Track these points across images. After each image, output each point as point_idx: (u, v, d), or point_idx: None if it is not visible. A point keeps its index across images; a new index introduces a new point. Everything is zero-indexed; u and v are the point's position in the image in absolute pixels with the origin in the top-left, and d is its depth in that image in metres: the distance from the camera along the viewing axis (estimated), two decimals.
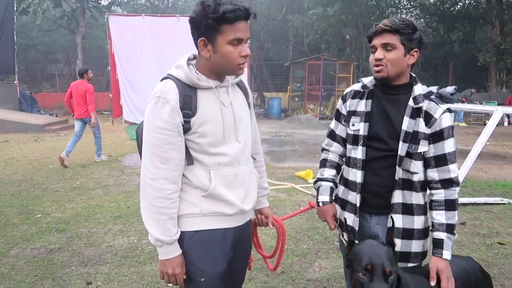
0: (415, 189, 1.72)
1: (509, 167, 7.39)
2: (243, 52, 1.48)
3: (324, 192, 1.89)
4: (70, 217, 4.50)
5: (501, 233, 4.09)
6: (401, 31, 1.63)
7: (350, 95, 1.85)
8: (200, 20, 1.42)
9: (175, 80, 1.50)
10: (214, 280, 1.57)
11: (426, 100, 1.68)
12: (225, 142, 1.55)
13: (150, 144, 1.47)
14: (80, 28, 20.67)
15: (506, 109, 5.89)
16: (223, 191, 1.55)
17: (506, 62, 17.39)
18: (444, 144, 1.67)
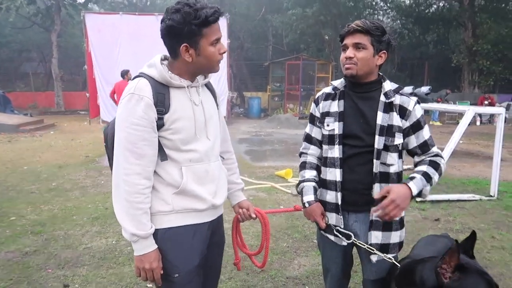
0: (392, 180, 1.80)
1: (481, 165, 7.64)
2: (222, 50, 1.57)
3: (308, 192, 1.91)
4: (46, 219, 4.40)
5: (473, 228, 4.24)
6: (371, 33, 1.72)
7: (322, 98, 1.93)
8: (181, 28, 1.45)
9: (148, 78, 1.53)
10: (188, 275, 1.59)
11: (397, 95, 1.78)
12: (196, 139, 1.60)
13: (124, 141, 1.49)
14: (55, 26, 20.14)
15: (477, 109, 6.09)
16: (195, 187, 1.59)
17: (478, 63, 17.94)
18: (423, 132, 1.81)
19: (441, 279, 1.39)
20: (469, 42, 18.30)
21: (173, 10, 1.47)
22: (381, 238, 1.81)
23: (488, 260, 3.47)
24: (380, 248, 1.80)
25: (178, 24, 1.45)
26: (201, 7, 1.46)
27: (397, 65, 22.41)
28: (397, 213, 1.64)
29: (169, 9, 1.48)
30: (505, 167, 7.17)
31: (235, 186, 1.92)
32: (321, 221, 1.88)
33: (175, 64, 1.57)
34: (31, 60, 27.09)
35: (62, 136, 11.14)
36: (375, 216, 1.69)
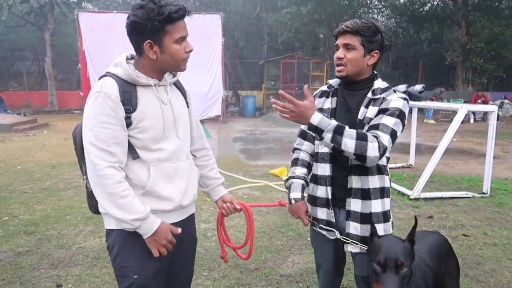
0: (370, 172, 1.79)
1: (474, 162, 7.69)
2: (187, 48, 1.57)
3: (296, 189, 1.94)
4: (39, 219, 4.38)
5: (465, 225, 4.27)
6: (361, 33, 1.72)
7: (318, 95, 1.98)
8: (144, 24, 1.46)
9: (114, 77, 1.53)
10: (148, 277, 1.59)
11: (384, 92, 1.78)
12: (165, 138, 1.60)
13: (93, 139, 1.47)
14: (48, 24, 20.02)
15: (470, 107, 6.14)
16: (162, 187, 1.59)
17: (472, 61, 18.05)
18: (383, 117, 1.70)
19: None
20: (463, 41, 18.40)
21: (137, 6, 1.48)
22: (360, 230, 1.81)
23: (480, 257, 3.50)
24: (361, 240, 1.80)
25: (141, 20, 1.46)
26: (165, 4, 1.46)
27: (392, 63, 22.49)
28: (287, 116, 1.63)
29: (134, 5, 1.50)
30: (497, 164, 7.23)
31: (215, 181, 1.91)
32: (305, 218, 1.92)
33: (141, 61, 1.57)
34: (24, 59, 26.89)
35: (55, 135, 11.07)
36: (272, 101, 1.65)
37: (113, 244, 1.60)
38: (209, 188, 1.91)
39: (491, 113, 5.41)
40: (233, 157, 8.21)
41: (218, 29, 14.63)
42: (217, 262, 3.38)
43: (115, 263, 1.63)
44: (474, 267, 3.32)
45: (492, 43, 17.33)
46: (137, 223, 1.49)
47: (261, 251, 3.60)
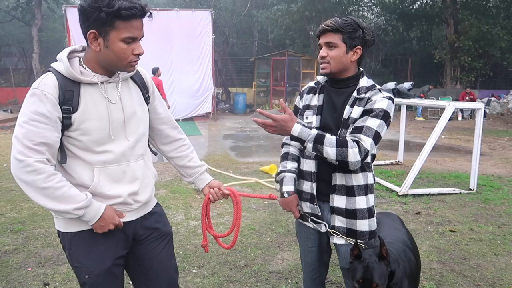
0: (354, 170, 1.80)
1: (461, 159, 7.79)
2: (136, 51, 1.45)
3: (288, 182, 1.95)
4: (26, 217, 4.33)
5: (452, 221, 4.33)
6: (342, 30, 1.76)
7: (306, 91, 2.00)
8: (91, 11, 1.36)
9: (56, 74, 1.44)
10: (99, 276, 1.56)
11: (370, 91, 1.81)
12: (111, 140, 1.51)
13: (21, 136, 1.38)
14: (36, 20, 19.71)
15: (457, 104, 6.22)
16: (108, 188, 1.52)
17: (460, 59, 18.22)
18: (368, 119, 1.73)
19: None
20: (451, 39, 18.56)
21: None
22: (345, 223, 1.86)
23: (466, 252, 3.55)
24: (346, 233, 1.86)
25: (88, 6, 1.36)
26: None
27: (381, 61, 22.60)
28: (269, 130, 1.72)
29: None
30: (484, 161, 7.34)
31: (198, 169, 1.85)
32: (296, 211, 1.95)
33: (88, 53, 1.48)
34: (11, 55, 26.46)
35: None
36: (253, 120, 1.73)
37: (64, 245, 1.58)
38: (193, 178, 1.85)
39: (478, 110, 5.48)
40: (223, 155, 8.20)
41: (208, 26, 14.55)
42: (206, 259, 3.38)
43: (69, 261, 1.62)
44: (460, 262, 3.37)
45: (479, 42, 17.52)
46: (80, 211, 1.44)
47: (251, 248, 3.60)
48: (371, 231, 1.88)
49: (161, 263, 1.75)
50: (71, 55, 1.48)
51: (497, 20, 18.04)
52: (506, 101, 18.13)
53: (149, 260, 1.72)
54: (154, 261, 1.73)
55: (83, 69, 1.46)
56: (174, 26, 13.88)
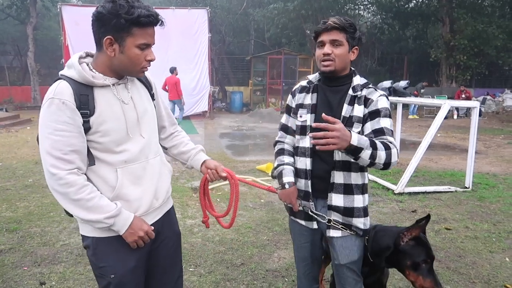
0: (353, 169, 1.84)
1: (457, 157, 7.83)
2: (149, 57, 1.51)
3: (288, 173, 1.96)
4: (22, 216, 4.31)
5: (448, 219, 4.35)
6: (347, 30, 1.80)
7: (298, 90, 2.01)
8: (110, 18, 1.40)
9: (68, 80, 1.46)
10: (124, 276, 1.59)
11: (365, 89, 1.85)
12: (129, 139, 1.55)
13: (49, 148, 1.42)
14: (31, 18, 19.58)
15: (453, 102, 6.23)
16: (131, 190, 1.56)
17: (455, 58, 18.31)
18: (381, 120, 1.78)
19: (399, 241, 1.86)
20: (446, 37, 18.64)
21: (108, 0, 1.42)
22: (341, 219, 1.87)
23: (462, 250, 3.57)
24: (342, 224, 1.88)
25: (108, 13, 1.40)
26: (137, 6, 1.41)
27: (377, 59, 22.66)
28: (332, 142, 1.52)
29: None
30: (479, 159, 7.38)
31: (193, 151, 1.87)
32: (296, 204, 1.95)
33: (99, 57, 1.50)
34: (5, 54, 26.23)
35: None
36: (311, 136, 1.58)
37: (88, 246, 1.59)
38: (189, 161, 1.87)
39: (473, 109, 5.50)
40: (219, 153, 8.20)
41: (204, 25, 14.53)
42: (203, 258, 3.38)
43: (92, 264, 1.62)
44: (456, 259, 3.39)
45: (475, 40, 17.60)
46: (110, 220, 1.48)
47: (247, 246, 3.61)
48: (365, 230, 1.90)
49: (170, 262, 1.81)
50: (79, 61, 1.51)
51: (492, 19, 18.14)
52: (501, 100, 18.24)
53: (160, 258, 1.76)
54: (165, 259, 1.78)
55: (94, 73, 1.49)
56: (170, 25, 13.36)
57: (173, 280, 1.82)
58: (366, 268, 2.00)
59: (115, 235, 1.56)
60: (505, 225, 4.16)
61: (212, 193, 5.09)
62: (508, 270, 3.22)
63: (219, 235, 3.85)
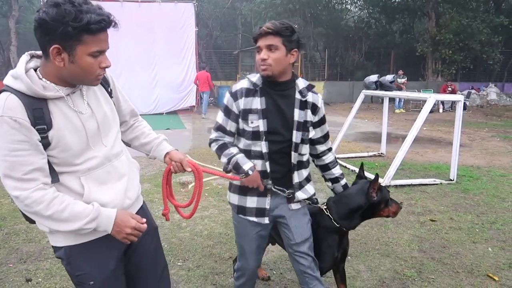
0: (303, 167, 2.08)
1: (442, 151, 7.95)
2: (103, 63, 1.38)
3: (246, 160, 1.95)
4: (6, 213, 4.25)
5: (433, 211, 4.43)
6: (282, 34, 1.83)
7: (242, 94, 1.96)
8: (55, 26, 1.23)
9: (16, 93, 1.30)
10: (104, 281, 1.53)
11: (310, 92, 1.98)
12: (90, 149, 1.45)
13: (8, 171, 1.30)
14: (13, 11, 19.19)
15: (438, 96, 6.32)
16: (100, 194, 1.48)
17: (441, 52, 18.51)
18: (326, 125, 2.14)
19: (372, 196, 2.17)
20: (432, 32, 18.82)
21: (51, 3, 1.24)
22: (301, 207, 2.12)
23: (446, 240, 3.65)
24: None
25: (52, 20, 1.23)
26: (86, 10, 1.25)
27: (364, 54, 22.80)
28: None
29: (49, 2, 1.25)
30: (464, 152, 7.51)
31: (155, 141, 1.78)
32: (262, 185, 1.99)
33: (47, 66, 1.34)
34: None
35: None
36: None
37: (61, 256, 1.51)
38: (152, 151, 1.78)
39: (458, 102, 5.59)
40: (207, 148, 8.10)
41: (191, 18, 14.39)
42: (192, 252, 3.39)
43: (68, 273, 1.55)
44: (440, 250, 3.46)
45: (460, 35, 17.81)
46: (92, 224, 1.39)
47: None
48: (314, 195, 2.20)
49: (151, 259, 1.75)
50: (26, 67, 1.35)
51: (477, 14, 18.37)
52: (485, 94, 18.55)
53: (140, 257, 1.71)
54: (145, 257, 1.72)
55: (44, 83, 1.33)
56: (156, 19, 13.69)
57: (158, 273, 1.77)
58: (334, 239, 2.23)
59: (89, 240, 1.49)
60: (488, 216, 4.25)
61: None
62: (490, 259, 3.30)
63: (207, 230, 3.85)
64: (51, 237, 1.49)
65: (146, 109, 13.60)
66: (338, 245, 2.25)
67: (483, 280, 2.98)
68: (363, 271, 3.10)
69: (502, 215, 4.30)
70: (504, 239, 3.69)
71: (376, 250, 3.45)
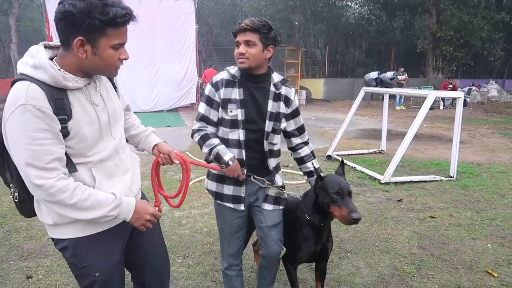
0: (275, 155, 2.21)
1: (442, 147, 7.95)
2: (122, 56, 1.42)
3: (227, 151, 2.06)
4: (7, 211, 4.26)
5: (433, 207, 4.44)
6: (259, 30, 1.96)
7: (223, 84, 2.08)
8: (82, 18, 1.26)
9: (37, 83, 1.31)
10: (109, 271, 1.56)
11: (283, 86, 2.13)
12: (101, 141, 1.49)
13: (30, 159, 1.29)
14: (13, 9, 19.17)
15: (438, 93, 6.31)
16: (109, 187, 1.50)
17: (441, 49, 18.48)
18: (299, 118, 2.26)
19: (316, 186, 2.18)
20: (433, 29, 18.78)
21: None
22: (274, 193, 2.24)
23: (445, 237, 3.65)
24: (274, 200, 2.23)
25: (79, 13, 1.25)
26: (111, 4, 1.29)
27: (365, 51, 22.77)
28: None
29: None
30: (464, 149, 7.51)
31: (144, 133, 1.84)
32: (241, 175, 2.10)
33: (67, 58, 1.37)
34: None
35: None
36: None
37: (66, 247, 1.51)
38: (140, 143, 1.83)
39: (458, 99, 5.58)
40: None
41: (191, 16, 14.37)
42: (191, 249, 3.40)
43: (72, 265, 1.56)
44: (440, 246, 3.47)
45: (461, 31, 17.77)
46: (115, 211, 1.44)
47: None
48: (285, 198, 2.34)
49: (154, 248, 1.81)
50: (48, 59, 1.38)
51: (477, 10, 18.32)
52: (486, 90, 18.52)
53: (141, 248, 1.75)
54: (147, 247, 1.77)
55: (63, 74, 1.36)
56: (156, 16, 13.64)
57: (159, 264, 1.83)
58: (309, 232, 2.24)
59: (97, 232, 1.52)
60: (487, 213, 4.26)
61: (201, 185, 5.09)
62: (490, 256, 3.30)
63: (207, 227, 3.86)
64: (55, 229, 1.50)
65: (146, 106, 13.61)
66: (315, 239, 2.25)
67: (482, 276, 2.99)
68: (362, 268, 3.11)
69: (502, 211, 4.30)
70: (503, 236, 3.69)
71: (375, 247, 3.46)
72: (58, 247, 1.55)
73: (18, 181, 1.44)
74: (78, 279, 1.60)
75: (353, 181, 5.36)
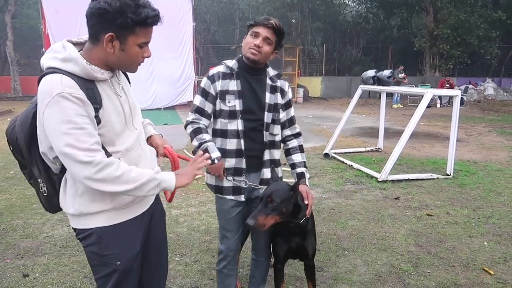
0: (276, 147, 2.24)
1: (439, 145, 7.97)
2: (145, 54, 1.51)
3: (214, 149, 2.10)
4: (3, 209, 4.24)
5: (429, 205, 4.45)
6: (278, 35, 2.07)
7: (220, 77, 2.14)
8: (116, 16, 1.34)
9: (67, 75, 1.37)
10: (130, 261, 1.59)
11: (278, 80, 2.22)
12: (126, 130, 1.56)
13: (75, 142, 1.33)
14: (9, 6, 19.03)
15: (435, 91, 6.34)
16: None
17: (438, 47, 18.51)
18: (291, 110, 2.31)
19: None
20: (430, 27, 18.81)
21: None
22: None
23: (442, 235, 3.66)
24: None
25: (114, 11, 1.33)
26: (143, 5, 1.38)
27: (362, 49, 22.78)
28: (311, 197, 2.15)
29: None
30: (461, 147, 7.53)
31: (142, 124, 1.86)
32: (222, 175, 2.13)
33: (94, 51, 1.43)
34: None
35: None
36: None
37: (90, 235, 1.53)
38: None
39: (455, 97, 5.60)
40: None
41: (188, 13, 14.34)
42: (189, 247, 3.39)
43: (92, 254, 1.57)
44: (437, 244, 3.48)
45: (458, 30, 17.80)
46: (159, 175, 1.49)
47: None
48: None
49: (163, 241, 1.88)
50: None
51: (474, 9, 18.35)
52: (483, 89, 18.59)
53: (156, 238, 1.79)
54: (160, 238, 1.83)
55: (91, 67, 1.42)
56: None
57: (162, 255, 1.87)
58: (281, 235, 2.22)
59: (121, 221, 1.56)
60: (484, 211, 4.28)
61: (198, 183, 5.09)
62: (486, 253, 3.32)
63: (204, 225, 3.86)
64: (80, 219, 1.53)
65: (143, 104, 13.56)
66: (286, 237, 2.21)
67: (478, 274, 3.00)
68: (359, 266, 3.12)
69: (498, 209, 4.32)
70: (499, 233, 3.71)
71: (372, 245, 3.47)
72: (80, 237, 1.57)
73: (46, 175, 1.52)
74: (97, 269, 1.60)
75: (350, 179, 5.37)
